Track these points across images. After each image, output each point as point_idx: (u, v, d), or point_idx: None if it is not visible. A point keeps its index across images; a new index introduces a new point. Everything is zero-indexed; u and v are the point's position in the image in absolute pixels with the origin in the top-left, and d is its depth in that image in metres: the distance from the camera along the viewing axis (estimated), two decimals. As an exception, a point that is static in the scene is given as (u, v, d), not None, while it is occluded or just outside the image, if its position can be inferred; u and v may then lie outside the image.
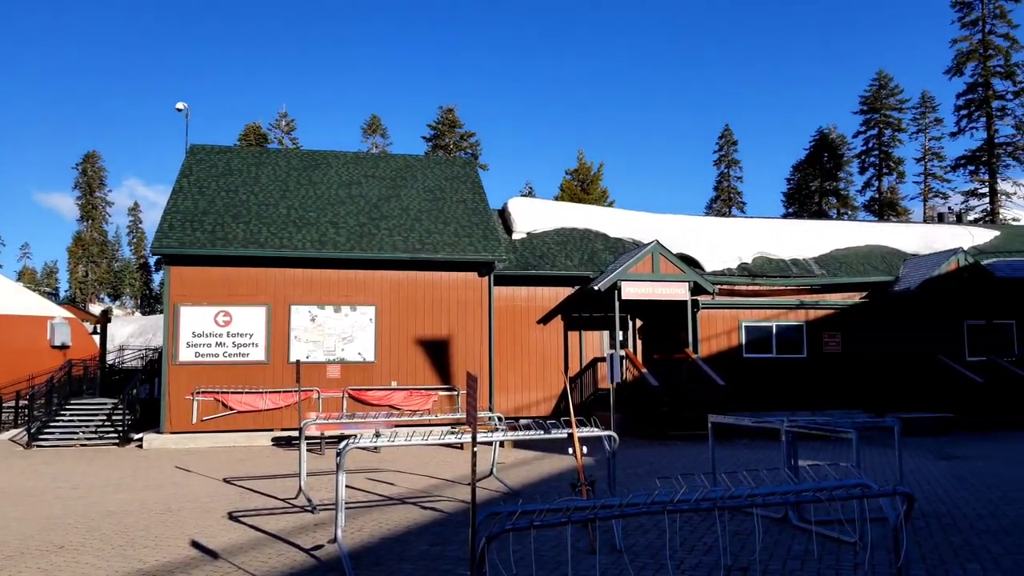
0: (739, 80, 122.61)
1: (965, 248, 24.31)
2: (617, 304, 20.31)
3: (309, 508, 10.00)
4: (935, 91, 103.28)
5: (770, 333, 22.41)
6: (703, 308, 21.74)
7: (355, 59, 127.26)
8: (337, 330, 18.64)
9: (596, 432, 8.71)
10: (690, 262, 22.55)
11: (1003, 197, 53.79)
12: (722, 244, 24.66)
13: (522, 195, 47.25)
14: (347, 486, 11.30)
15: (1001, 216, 52.64)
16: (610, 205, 48.22)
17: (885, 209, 59.28)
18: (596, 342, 21.98)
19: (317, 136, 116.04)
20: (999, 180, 53.73)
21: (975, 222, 44.95)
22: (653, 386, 18.61)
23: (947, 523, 8.76)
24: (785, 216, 58.34)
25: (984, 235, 29.10)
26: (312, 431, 15.39)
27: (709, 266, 23.22)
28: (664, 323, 22.48)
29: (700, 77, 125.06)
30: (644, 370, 19.43)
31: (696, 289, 20.77)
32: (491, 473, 12.56)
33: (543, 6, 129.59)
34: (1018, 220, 51.84)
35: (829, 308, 22.89)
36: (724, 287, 22.77)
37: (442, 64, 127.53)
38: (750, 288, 23.17)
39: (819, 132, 65.04)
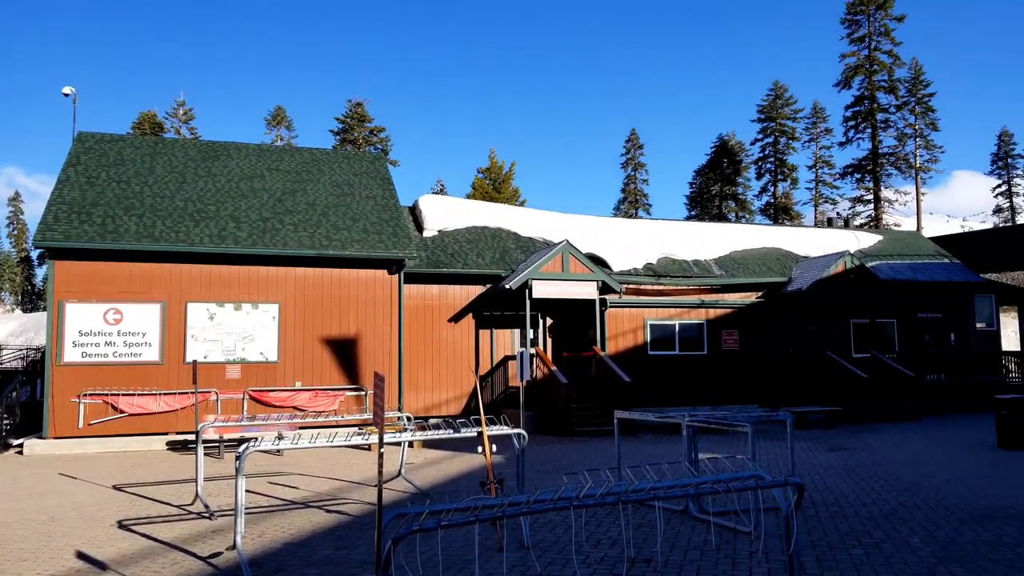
0: (646, 85, 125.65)
1: (851, 251, 25.66)
2: (528, 303, 20.46)
3: (207, 514, 9.62)
4: (826, 102, 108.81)
5: (673, 331, 23.05)
6: (611, 307, 22.16)
7: (259, 48, 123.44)
8: (238, 329, 18.02)
9: (505, 430, 8.73)
10: (598, 262, 22.95)
11: (886, 204, 57.20)
12: (629, 245, 25.22)
13: (434, 193, 47.01)
14: (248, 491, 10.94)
15: (884, 221, 55.94)
16: (522, 204, 48.58)
17: (780, 213, 62.00)
18: (507, 340, 22.08)
19: (218, 127, 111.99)
20: (883, 188, 57.12)
21: (861, 227, 47.62)
22: (562, 383, 18.84)
23: (835, 511, 9.22)
24: (688, 218, 60.24)
25: (869, 239, 30.82)
26: (210, 434, 14.83)
27: (616, 266, 23.69)
28: (573, 321, 22.80)
29: (608, 81, 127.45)
30: (554, 368, 19.64)
31: (604, 288, 21.15)
32: (400, 474, 12.42)
33: (453, 2, 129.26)
34: (899, 225, 55.26)
35: (728, 307, 23.73)
36: (631, 286, 23.29)
37: (351, 57, 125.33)
38: (655, 288, 23.78)
39: (720, 139, 67.49)
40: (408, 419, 13.08)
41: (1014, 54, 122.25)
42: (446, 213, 24.00)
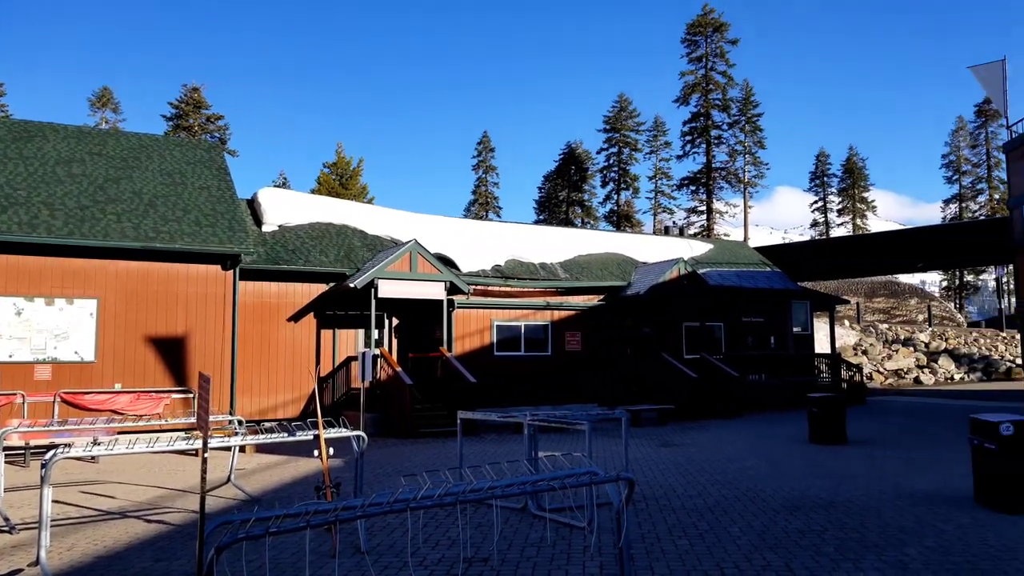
0: (500, 91, 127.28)
1: (685, 259, 27.12)
2: (374, 302, 20.05)
3: (7, 528, 8.68)
4: (666, 117, 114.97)
5: (519, 332, 23.39)
6: (458, 308, 22.16)
7: (84, 27, 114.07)
8: (49, 326, 16.43)
9: (344, 433, 8.46)
10: (447, 262, 22.90)
11: (717, 215, 61.09)
12: (478, 246, 25.37)
13: (275, 186, 45.04)
14: (57, 501, 9.98)
15: (715, 231, 59.71)
16: (370, 202, 47.68)
17: (623, 220, 64.67)
18: (351, 341, 21.54)
19: (34, 107, 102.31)
20: (715, 200, 60.97)
21: (695, 236, 50.49)
22: (407, 384, 18.60)
23: (664, 504, 9.63)
24: (537, 222, 61.47)
25: (701, 247, 32.75)
26: (14, 440, 13.43)
27: (465, 267, 23.74)
28: (421, 322, 22.61)
29: (463, 84, 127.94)
30: (398, 369, 19.36)
31: (452, 289, 21.11)
32: (229, 480, 11.77)
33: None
34: (729, 235, 59.18)
35: (572, 309, 24.39)
36: (478, 287, 23.41)
37: (188, 40, 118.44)
38: (502, 289, 24.04)
39: (568, 146, 69.49)
40: (239, 423, 12.43)
41: (831, 86, 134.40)
42: (288, 207, 23.10)
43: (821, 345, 33.63)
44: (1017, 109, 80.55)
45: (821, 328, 34.76)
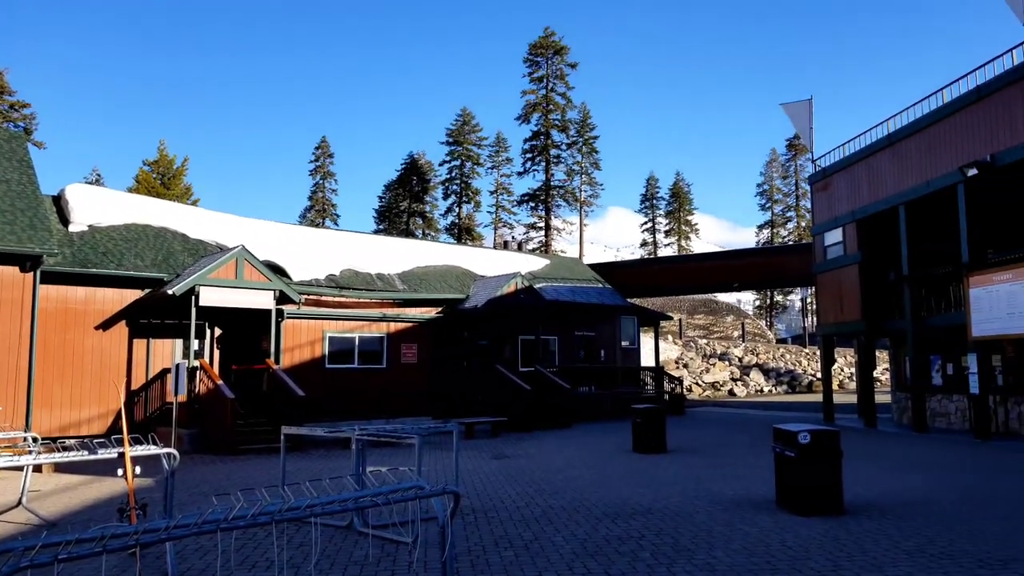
0: (341, 97, 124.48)
1: (523, 273, 27.66)
2: (194, 311, 18.85)
3: None
4: (508, 133, 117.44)
5: (353, 344, 22.84)
6: (288, 318, 21.32)
7: None
8: None
9: (153, 450, 7.82)
10: (278, 270, 21.99)
11: (555, 231, 62.98)
12: (312, 254, 24.57)
13: (87, 182, 41.48)
14: None
15: (553, 247, 61.48)
16: (195, 204, 45.08)
17: (464, 234, 65.14)
18: (168, 351, 20.14)
19: None
20: (553, 217, 62.82)
21: (533, 251, 51.70)
22: (228, 398, 17.60)
23: (492, 516, 9.66)
24: (376, 232, 60.65)
25: (538, 263, 33.56)
26: None
27: (297, 275, 22.90)
28: (247, 332, 21.52)
29: (302, 88, 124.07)
30: (219, 382, 18.29)
31: (282, 298, 20.27)
32: (20, 503, 10.57)
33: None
34: (565, 252, 61.13)
35: (409, 321, 24.15)
36: (311, 297, 22.66)
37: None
38: (336, 300, 23.39)
39: (410, 156, 69.17)
40: (34, 440, 11.23)
41: (663, 114, 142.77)
42: (100, 206, 21.32)
43: (647, 359, 35.36)
44: (822, 145, 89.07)
45: (647, 342, 36.60)
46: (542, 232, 62.76)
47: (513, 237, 61.12)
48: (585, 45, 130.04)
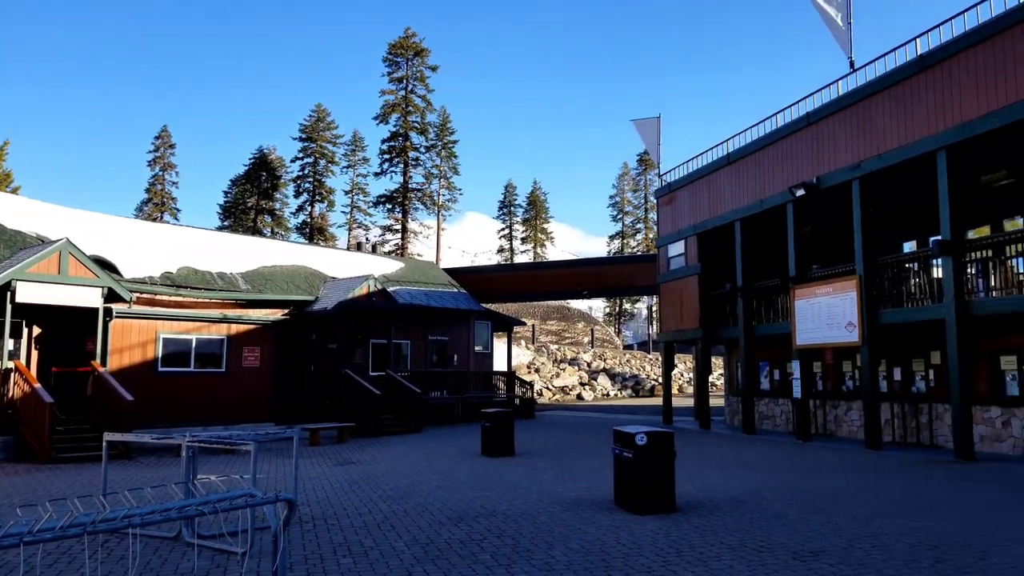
0: (184, 82, 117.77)
1: (376, 276, 27.22)
2: (9, 308, 17.15)
3: None
4: (366, 133, 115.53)
5: (190, 346, 21.60)
6: (118, 317, 19.85)
7: None
8: None
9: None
10: (107, 266, 20.44)
11: (412, 234, 62.55)
12: (147, 250, 23.04)
13: None
14: None
15: (409, 251, 61.03)
16: (15, 192, 41.20)
17: (316, 234, 63.36)
18: (-24, 352, 18.19)
19: None
20: (410, 220, 62.36)
21: (389, 254, 51.08)
22: (47, 402, 16.11)
23: (332, 523, 9.36)
24: (220, 229, 57.78)
25: (393, 266, 33.16)
26: None
27: (129, 272, 21.39)
28: (71, 332, 19.83)
29: (143, 70, 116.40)
30: (37, 385, 16.73)
31: (111, 296, 18.83)
32: None
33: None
34: (421, 255, 60.82)
35: (253, 323, 23.14)
36: (144, 296, 21.21)
37: None
38: (173, 299, 22.03)
39: (260, 151, 66.42)
40: None
41: (523, 120, 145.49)
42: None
43: (500, 363, 35.75)
44: (676, 157, 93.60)
45: (500, 347, 37.02)
46: (398, 235, 62.15)
47: (367, 239, 60.12)
48: (447, 50, 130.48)
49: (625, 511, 9.71)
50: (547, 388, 44.58)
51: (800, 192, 19.31)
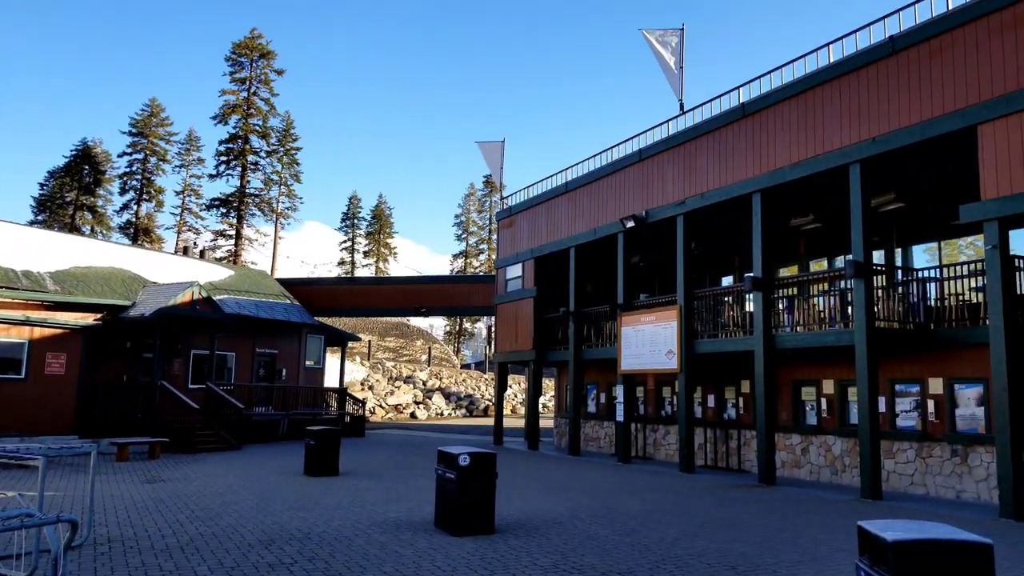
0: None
1: (202, 283, 25.69)
2: None
3: None
4: (202, 132, 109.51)
5: (-19, 350, 19.41)
6: None
7: None
8: None
9: None
10: None
11: (247, 241, 59.79)
12: (-68, 239, 20.53)
13: None
14: None
15: (243, 258, 58.28)
16: None
17: (141, 234, 59.16)
18: None
19: None
20: (245, 226, 59.60)
21: (220, 260, 48.57)
22: None
23: (131, 546, 8.62)
24: (32, 224, 52.55)
25: (222, 273, 31.49)
26: None
27: (-92, 263, 18.93)
28: None
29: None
30: None
31: None
32: None
33: None
34: (256, 264, 58.28)
35: (60, 327, 21.16)
36: (-75, 290, 18.84)
37: None
38: (-38, 295, 19.71)
39: (84, 143, 61.30)
40: None
41: (371, 132, 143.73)
42: None
43: (332, 379, 34.77)
44: (512, 183, 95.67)
45: (333, 363, 36.03)
46: (232, 241, 59.21)
47: (197, 243, 56.87)
48: (295, 55, 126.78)
49: (444, 533, 9.61)
50: (380, 406, 43.86)
51: (630, 224, 20.22)
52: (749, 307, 17.69)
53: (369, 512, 11.34)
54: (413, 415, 44.60)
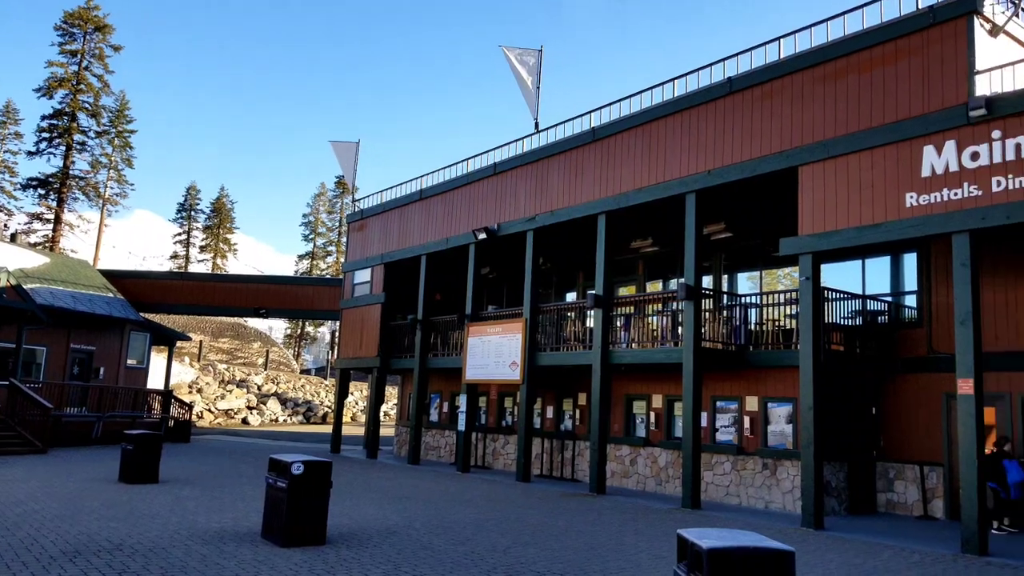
0: None
1: (11, 269, 23.34)
2: None
3: None
4: (22, 104, 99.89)
5: None
6: None
7: None
8: None
9: None
10: None
11: (67, 227, 55.00)
12: None
13: None
14: None
15: (61, 245, 53.55)
16: None
17: (-60, 212, 53.00)
18: None
19: None
20: (67, 210, 54.81)
21: (34, 246, 44.39)
22: None
23: (-99, 564, 7.62)
24: None
25: (36, 259, 28.78)
26: None
27: None
28: None
29: None
30: None
31: None
32: None
33: None
34: (76, 252, 53.72)
35: None
36: None
37: None
38: None
39: None
40: None
41: (217, 120, 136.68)
42: None
43: (157, 380, 32.60)
44: (365, 186, 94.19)
45: (160, 362, 33.80)
46: (50, 226, 54.28)
47: (7, 226, 51.67)
48: (135, 31, 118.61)
49: (272, 544, 9.21)
50: (210, 411, 41.60)
51: (482, 236, 20.42)
52: (590, 323, 18.31)
53: (190, 521, 10.68)
54: (245, 421, 42.62)
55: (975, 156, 11.33)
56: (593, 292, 17.44)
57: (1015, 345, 13.94)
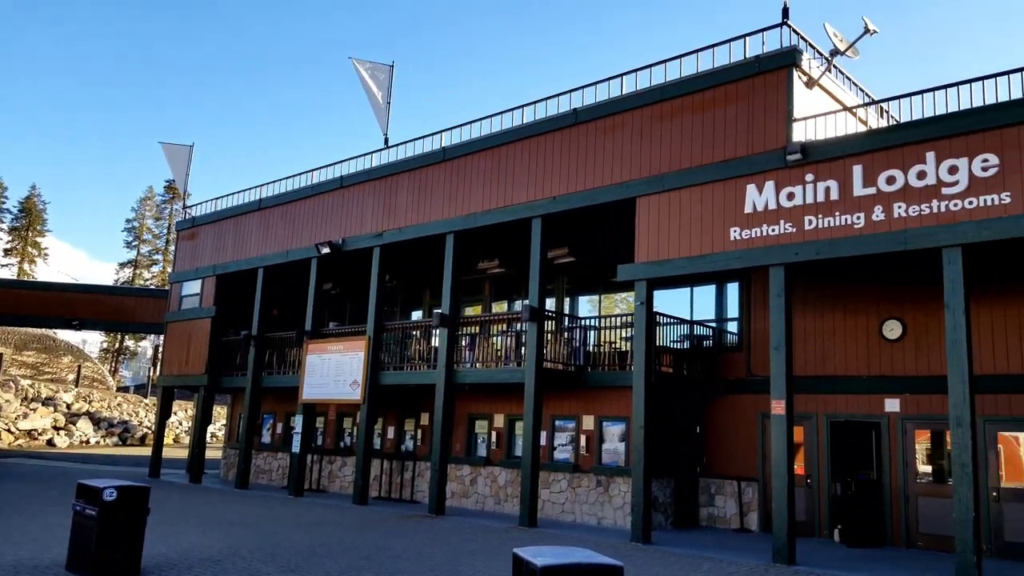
0: None
1: None
2: None
3: None
4: None
5: None
6: None
7: None
8: None
9: None
10: None
11: None
12: None
13: None
14: None
15: None
16: None
17: None
18: None
19: None
20: None
21: None
22: None
23: None
24: None
25: None
26: None
27: None
28: None
29: None
30: None
31: None
32: None
33: None
34: None
35: None
36: None
37: None
38: None
39: None
40: None
41: (28, 113, 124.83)
42: None
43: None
44: (198, 194, 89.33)
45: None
46: None
47: None
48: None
49: (79, 575, 8.38)
50: (10, 431, 37.59)
51: (325, 250, 19.86)
52: (435, 342, 18.22)
53: (-21, 556, 9.52)
54: (51, 442, 38.82)
55: (791, 196, 12.39)
56: (439, 311, 17.40)
57: (821, 370, 15.32)
